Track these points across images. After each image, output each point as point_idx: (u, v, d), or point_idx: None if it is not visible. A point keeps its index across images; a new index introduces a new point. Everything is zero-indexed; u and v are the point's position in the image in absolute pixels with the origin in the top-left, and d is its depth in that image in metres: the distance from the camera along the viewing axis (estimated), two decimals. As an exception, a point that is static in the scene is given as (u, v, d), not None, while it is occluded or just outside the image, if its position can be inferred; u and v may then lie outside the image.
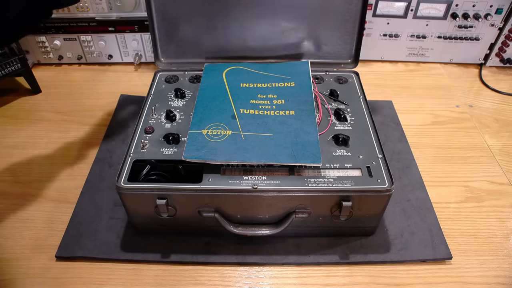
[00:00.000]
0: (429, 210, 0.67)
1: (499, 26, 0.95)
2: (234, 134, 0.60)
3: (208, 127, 0.61)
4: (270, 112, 0.64)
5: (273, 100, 0.66)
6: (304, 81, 0.70)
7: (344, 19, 0.81)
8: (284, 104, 0.65)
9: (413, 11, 0.94)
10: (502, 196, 0.71)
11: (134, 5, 0.91)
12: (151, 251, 0.61)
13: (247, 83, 0.70)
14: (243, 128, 0.61)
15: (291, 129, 0.61)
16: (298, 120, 0.63)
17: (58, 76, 0.99)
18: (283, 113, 0.64)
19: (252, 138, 0.60)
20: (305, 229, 0.62)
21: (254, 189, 0.55)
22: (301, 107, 0.65)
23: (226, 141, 0.59)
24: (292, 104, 0.66)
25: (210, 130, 0.61)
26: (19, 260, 0.60)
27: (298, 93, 0.67)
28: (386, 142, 0.80)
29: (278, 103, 0.65)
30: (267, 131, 0.61)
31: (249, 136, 0.60)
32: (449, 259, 0.61)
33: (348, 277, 0.59)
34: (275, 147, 0.58)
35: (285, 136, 0.60)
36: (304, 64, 0.74)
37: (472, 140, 0.82)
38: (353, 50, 0.83)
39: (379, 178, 0.57)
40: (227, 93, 0.67)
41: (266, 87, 0.69)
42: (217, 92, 0.68)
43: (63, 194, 0.70)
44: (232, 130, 0.61)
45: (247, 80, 0.70)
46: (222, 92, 0.68)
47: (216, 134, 0.60)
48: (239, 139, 0.59)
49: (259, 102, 0.65)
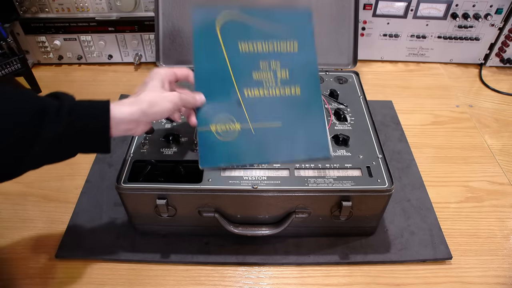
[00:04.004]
0: (429, 210, 0.67)
1: (499, 26, 0.95)
2: (243, 130, 0.58)
3: (216, 120, 0.58)
4: (275, 91, 0.59)
5: (276, 72, 0.60)
6: (307, 43, 0.61)
7: (338, 22, 0.83)
8: (289, 78, 0.60)
9: (413, 11, 0.94)
10: (502, 196, 0.71)
11: (134, 5, 0.91)
12: (151, 251, 0.61)
13: (246, 42, 0.59)
14: (251, 118, 0.58)
15: (298, 114, 0.59)
16: (305, 103, 0.59)
17: (58, 76, 0.99)
18: (288, 91, 0.59)
19: (262, 132, 0.58)
20: (305, 229, 0.62)
21: (254, 189, 0.55)
22: (306, 83, 0.60)
23: (238, 140, 0.57)
24: (297, 77, 0.60)
25: (218, 125, 0.58)
26: (19, 260, 0.60)
27: (302, 60, 0.60)
28: (386, 142, 0.80)
29: (282, 77, 0.60)
30: (275, 119, 0.58)
31: (259, 130, 0.58)
32: (449, 259, 0.61)
33: (348, 277, 0.59)
34: (287, 141, 0.58)
35: (293, 125, 0.58)
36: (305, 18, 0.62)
37: (472, 140, 0.82)
38: (351, 51, 0.84)
39: (379, 178, 0.57)
40: (227, 65, 0.59)
41: (267, 51, 0.60)
42: (215, 63, 0.59)
43: (63, 194, 0.70)
44: (240, 122, 0.58)
45: (246, 37, 0.60)
46: (220, 63, 0.59)
47: (225, 131, 0.57)
48: (249, 135, 0.58)
49: (262, 77, 0.59)
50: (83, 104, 0.48)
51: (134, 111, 0.48)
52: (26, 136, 0.43)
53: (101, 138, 0.48)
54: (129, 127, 0.49)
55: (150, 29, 0.95)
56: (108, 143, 0.48)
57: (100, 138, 0.48)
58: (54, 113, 0.44)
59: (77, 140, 0.47)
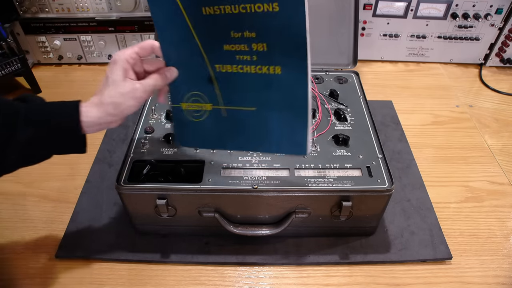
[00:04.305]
0: (429, 210, 0.67)
1: (499, 26, 0.95)
2: (215, 110, 0.53)
3: (186, 98, 0.53)
4: (251, 68, 0.50)
5: (251, 43, 0.48)
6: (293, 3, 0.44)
7: (338, 22, 0.83)
8: (267, 51, 0.48)
9: (413, 11, 0.94)
10: (502, 196, 0.71)
11: (134, 5, 0.91)
12: (151, 251, 0.61)
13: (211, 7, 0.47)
14: (224, 97, 0.52)
15: (276, 99, 0.50)
16: (286, 85, 0.49)
17: (58, 76, 0.99)
18: (266, 70, 0.49)
19: (235, 115, 0.53)
20: (305, 229, 0.62)
21: (254, 189, 0.55)
22: (289, 60, 0.47)
23: (208, 121, 0.54)
24: (278, 52, 0.47)
25: (189, 103, 0.54)
26: (19, 260, 0.60)
27: (285, 28, 0.45)
28: (386, 142, 0.79)
29: (259, 49, 0.48)
30: (249, 102, 0.52)
31: (231, 111, 0.53)
32: (449, 259, 0.61)
33: (348, 277, 0.59)
34: (260, 130, 0.52)
35: (269, 112, 0.51)
36: None
37: (472, 140, 0.82)
38: (351, 51, 0.84)
39: (379, 178, 0.57)
40: (193, 35, 0.50)
41: (238, 13, 0.46)
42: (179, 33, 0.50)
43: (63, 194, 0.70)
44: (212, 102, 0.53)
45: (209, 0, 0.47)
46: (185, 33, 0.50)
47: (196, 111, 0.53)
48: (220, 117, 0.53)
49: (234, 48, 0.49)
50: (53, 105, 0.47)
51: (101, 114, 0.48)
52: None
53: (74, 138, 0.47)
54: (101, 127, 0.49)
55: (150, 29, 0.95)
56: (81, 143, 0.48)
57: (73, 138, 0.47)
58: (23, 116, 0.44)
59: (50, 142, 0.46)
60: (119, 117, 0.49)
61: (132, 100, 0.49)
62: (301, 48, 0.45)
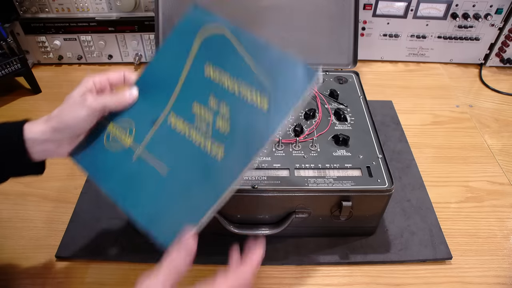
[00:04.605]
0: (429, 210, 0.67)
1: (499, 26, 0.95)
2: (129, 149, 0.48)
3: (119, 120, 0.50)
4: (196, 138, 0.46)
5: (217, 119, 0.45)
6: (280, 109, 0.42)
7: (338, 22, 0.83)
8: (224, 135, 0.44)
9: (413, 11, 0.94)
10: (502, 196, 0.71)
11: (134, 5, 0.91)
12: (151, 251, 0.61)
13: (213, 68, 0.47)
14: (148, 143, 0.48)
15: (194, 176, 0.44)
16: (216, 170, 0.44)
17: (58, 76, 0.99)
18: (210, 148, 0.45)
19: (141, 166, 0.47)
20: (305, 229, 0.62)
21: (254, 189, 0.55)
22: (237, 152, 0.43)
23: (117, 156, 0.49)
24: (233, 139, 0.44)
25: (117, 126, 0.50)
26: (19, 260, 0.60)
27: (258, 125, 0.43)
28: (386, 142, 0.79)
29: (219, 128, 0.45)
30: (168, 161, 0.46)
31: (141, 161, 0.47)
32: (449, 259, 0.61)
33: (348, 277, 0.59)
34: (152, 194, 0.46)
35: (177, 183, 0.45)
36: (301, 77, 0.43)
37: (472, 140, 0.82)
38: (351, 51, 0.84)
39: (379, 178, 0.57)
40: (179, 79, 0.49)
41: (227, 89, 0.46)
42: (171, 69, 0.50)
43: (63, 194, 0.70)
44: (134, 139, 0.49)
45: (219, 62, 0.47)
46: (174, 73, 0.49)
47: (115, 138, 0.49)
48: (128, 160, 0.48)
49: (200, 112, 0.47)
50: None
51: (45, 129, 0.45)
52: None
53: (20, 159, 0.44)
54: (46, 147, 0.46)
55: (150, 29, 0.95)
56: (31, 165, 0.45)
57: (20, 160, 0.45)
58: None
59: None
60: (66, 134, 0.46)
61: (81, 109, 0.45)
62: (255, 149, 0.42)
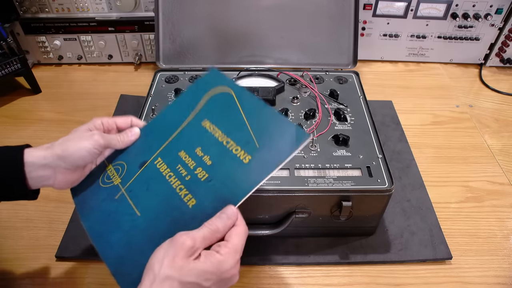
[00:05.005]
0: (429, 210, 0.67)
1: (499, 26, 0.95)
2: (117, 187, 0.50)
3: (116, 163, 0.52)
4: (176, 183, 0.47)
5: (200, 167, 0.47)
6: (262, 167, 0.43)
7: (338, 22, 0.83)
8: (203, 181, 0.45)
9: (413, 11, 0.94)
10: (502, 196, 0.71)
11: (134, 5, 0.91)
12: (151, 251, 0.61)
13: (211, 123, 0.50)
14: (132, 184, 0.49)
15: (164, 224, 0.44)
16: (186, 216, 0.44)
17: (58, 76, 0.99)
18: (184, 193, 0.45)
19: (120, 207, 0.48)
20: (305, 229, 0.62)
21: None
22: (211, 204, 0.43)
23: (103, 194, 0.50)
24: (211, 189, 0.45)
25: (113, 168, 0.52)
26: (19, 260, 0.60)
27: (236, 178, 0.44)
28: (386, 142, 0.79)
29: (200, 175, 0.46)
30: (144, 206, 0.47)
31: (121, 200, 0.48)
32: (449, 259, 0.61)
33: (348, 277, 0.59)
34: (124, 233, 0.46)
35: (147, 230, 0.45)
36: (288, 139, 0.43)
37: (472, 140, 0.82)
38: (351, 51, 0.84)
39: (379, 178, 0.57)
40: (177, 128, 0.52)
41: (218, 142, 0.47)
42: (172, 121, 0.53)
43: (63, 194, 0.70)
44: (122, 179, 0.50)
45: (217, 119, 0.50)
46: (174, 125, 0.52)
47: (108, 176, 0.51)
48: (112, 196, 0.49)
49: (184, 159, 0.48)
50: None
51: (47, 154, 0.45)
52: None
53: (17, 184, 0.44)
54: (44, 173, 0.45)
55: (150, 29, 0.95)
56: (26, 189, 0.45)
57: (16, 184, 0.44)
58: None
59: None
60: (67, 163, 0.46)
61: (86, 141, 0.46)
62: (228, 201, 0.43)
